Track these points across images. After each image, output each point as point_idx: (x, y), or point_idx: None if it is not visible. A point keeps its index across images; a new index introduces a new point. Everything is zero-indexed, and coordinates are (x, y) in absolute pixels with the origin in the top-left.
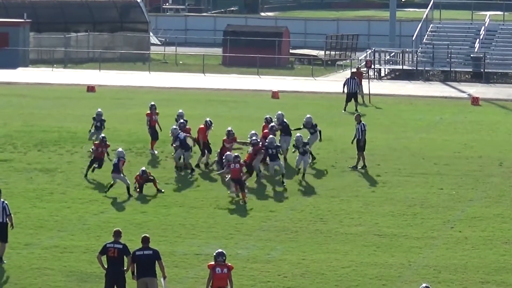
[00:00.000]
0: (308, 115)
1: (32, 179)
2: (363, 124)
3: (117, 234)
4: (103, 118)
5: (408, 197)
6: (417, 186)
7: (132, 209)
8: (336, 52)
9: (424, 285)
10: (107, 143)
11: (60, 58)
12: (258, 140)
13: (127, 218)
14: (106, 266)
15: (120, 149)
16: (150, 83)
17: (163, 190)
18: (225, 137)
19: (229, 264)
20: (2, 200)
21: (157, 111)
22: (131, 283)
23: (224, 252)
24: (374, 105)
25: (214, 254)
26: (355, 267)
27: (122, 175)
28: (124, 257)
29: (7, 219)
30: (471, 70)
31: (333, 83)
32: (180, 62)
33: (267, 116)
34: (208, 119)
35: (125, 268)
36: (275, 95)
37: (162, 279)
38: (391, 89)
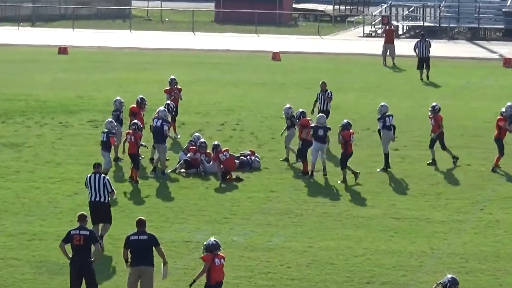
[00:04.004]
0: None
1: None
2: (329, 92)
3: (82, 218)
4: None
5: (430, 174)
6: (440, 162)
7: None
8: (347, 7)
9: (449, 276)
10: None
11: (27, 15)
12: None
13: None
14: (71, 256)
15: (110, 119)
16: (132, 44)
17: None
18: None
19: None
20: (103, 175)
21: (179, 86)
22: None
23: (219, 242)
24: (392, 69)
25: (208, 244)
26: (369, 255)
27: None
28: (92, 245)
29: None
30: (502, 27)
31: (343, 42)
32: (166, 19)
33: (504, 109)
34: (162, 106)
35: (92, 259)
36: (275, 56)
37: (162, 266)
38: (410, 49)
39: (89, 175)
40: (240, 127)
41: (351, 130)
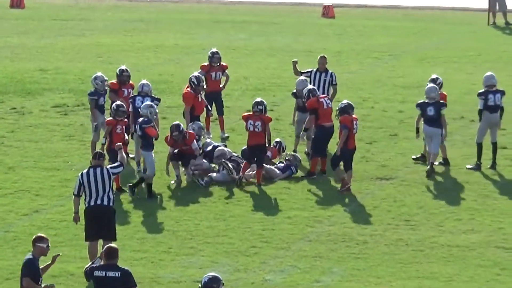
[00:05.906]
0: None
1: None
2: (332, 75)
3: (35, 241)
4: None
5: None
6: None
7: None
8: None
9: None
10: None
11: None
12: None
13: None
14: None
15: (149, 102)
16: None
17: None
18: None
19: None
20: (106, 167)
21: (223, 63)
22: None
23: (220, 277)
24: (500, 30)
25: (204, 282)
26: None
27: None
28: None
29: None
30: None
31: None
32: None
33: None
34: (195, 74)
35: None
36: (327, 11)
37: None
38: None
39: (85, 171)
40: (275, 115)
41: (353, 115)
